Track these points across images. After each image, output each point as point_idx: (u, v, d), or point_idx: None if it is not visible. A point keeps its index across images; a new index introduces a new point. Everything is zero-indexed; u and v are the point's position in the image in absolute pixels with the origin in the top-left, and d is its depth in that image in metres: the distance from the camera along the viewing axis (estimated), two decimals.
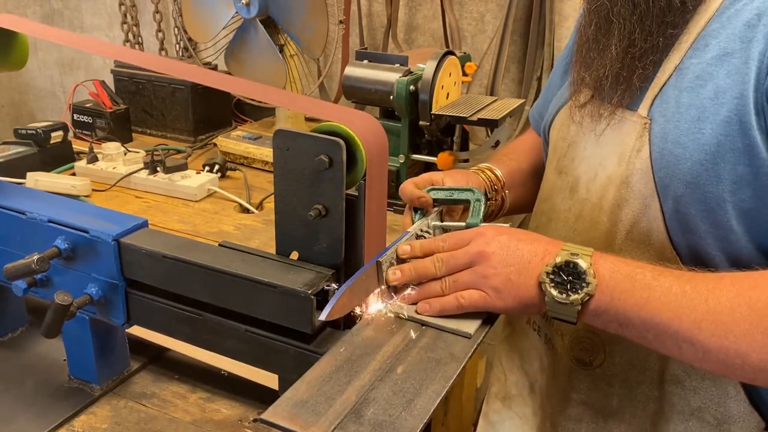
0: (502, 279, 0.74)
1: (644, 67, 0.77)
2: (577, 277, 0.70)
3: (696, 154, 0.72)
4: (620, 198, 0.79)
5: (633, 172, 0.78)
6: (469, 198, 0.89)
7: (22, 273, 0.81)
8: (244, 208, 1.53)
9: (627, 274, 0.70)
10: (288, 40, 1.78)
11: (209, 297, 0.79)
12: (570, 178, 0.89)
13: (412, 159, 1.52)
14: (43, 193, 0.98)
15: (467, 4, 1.95)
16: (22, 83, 2.88)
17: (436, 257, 0.78)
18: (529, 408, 1.03)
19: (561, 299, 0.70)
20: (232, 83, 1.13)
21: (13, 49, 0.98)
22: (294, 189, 0.77)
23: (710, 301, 0.66)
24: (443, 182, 0.93)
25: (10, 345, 1.01)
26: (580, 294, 0.70)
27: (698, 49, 0.75)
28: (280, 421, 0.60)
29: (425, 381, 0.67)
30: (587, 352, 0.87)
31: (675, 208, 0.75)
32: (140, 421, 0.87)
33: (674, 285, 0.68)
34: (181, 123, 1.97)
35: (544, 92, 1.11)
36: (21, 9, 2.69)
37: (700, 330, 0.66)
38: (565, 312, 0.71)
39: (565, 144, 0.90)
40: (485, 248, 0.75)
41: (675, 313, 0.67)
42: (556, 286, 0.71)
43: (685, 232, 0.75)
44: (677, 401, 0.81)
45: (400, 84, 1.44)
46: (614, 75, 0.79)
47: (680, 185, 0.73)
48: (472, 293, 0.76)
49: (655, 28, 0.76)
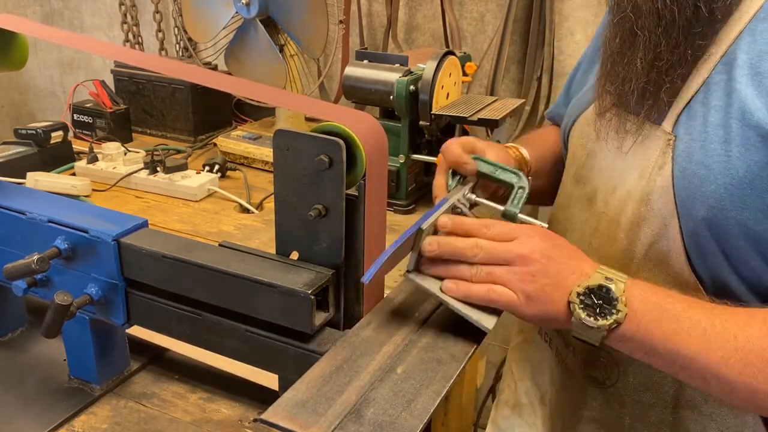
0: (536, 288, 0.71)
1: (672, 81, 0.74)
2: (608, 302, 0.68)
3: (721, 178, 0.69)
4: (639, 215, 0.77)
5: (653, 190, 0.75)
6: (513, 182, 0.84)
7: (22, 273, 0.81)
8: (244, 208, 1.53)
9: (657, 303, 0.68)
10: (288, 40, 1.78)
11: (209, 297, 0.79)
12: (588, 188, 0.86)
13: (412, 159, 1.52)
14: (43, 193, 0.98)
15: (467, 4, 1.95)
16: (22, 83, 2.88)
17: (476, 243, 0.74)
18: (539, 418, 1.01)
19: (588, 323, 0.68)
20: (232, 83, 1.13)
21: (13, 49, 0.98)
22: (294, 189, 0.77)
23: (740, 339, 0.65)
24: (485, 153, 0.89)
25: (10, 345, 1.01)
26: (608, 320, 0.68)
27: (727, 64, 0.71)
28: (280, 421, 0.60)
29: (425, 381, 0.67)
30: (601, 371, 0.85)
31: (695, 230, 0.72)
32: (140, 421, 0.87)
33: (704, 319, 0.67)
34: (181, 123, 1.97)
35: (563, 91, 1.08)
36: (21, 9, 2.69)
37: (728, 367, 0.65)
38: (590, 335, 0.69)
39: (584, 153, 0.87)
40: (530, 253, 0.72)
41: (702, 347, 0.66)
42: (585, 308, 0.69)
43: (704, 256, 0.73)
44: (693, 427, 0.79)
45: (400, 84, 1.44)
46: (640, 89, 0.76)
47: (702, 208, 0.70)
48: (505, 291, 0.72)
49: (682, 40, 0.72)
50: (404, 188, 1.52)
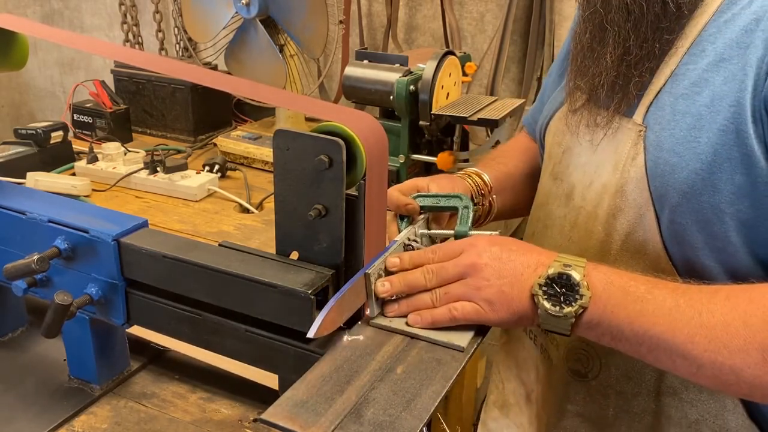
0: (494, 291, 0.72)
1: (641, 74, 0.76)
2: (570, 289, 0.68)
3: (692, 163, 0.70)
4: (615, 207, 0.78)
5: (628, 181, 0.76)
6: (457, 205, 0.87)
7: (22, 273, 0.81)
8: (244, 208, 1.53)
9: (620, 287, 0.69)
10: (288, 40, 1.78)
11: (209, 297, 0.79)
12: (565, 184, 0.87)
13: (412, 159, 1.52)
14: (43, 193, 0.98)
15: (467, 4, 1.95)
16: (22, 83, 2.88)
17: (426, 269, 0.76)
18: (525, 417, 1.02)
19: (554, 312, 0.68)
20: (232, 83, 1.13)
21: (13, 49, 0.98)
22: (294, 189, 0.77)
23: (704, 315, 0.65)
24: (428, 188, 0.91)
25: (10, 345, 1.01)
26: (573, 306, 0.68)
27: (694, 55, 0.73)
28: (280, 421, 0.60)
29: (425, 381, 0.67)
30: (582, 364, 0.86)
31: (671, 218, 0.73)
32: (140, 421, 0.87)
33: (668, 298, 0.67)
34: (181, 123, 1.97)
35: (539, 97, 1.10)
36: (21, 9, 2.69)
37: (693, 344, 0.64)
38: (559, 325, 0.69)
39: (560, 150, 0.89)
40: (477, 260, 0.73)
41: (668, 326, 0.65)
42: (549, 299, 0.69)
43: (680, 243, 0.73)
44: (674, 414, 0.80)
45: (400, 84, 1.44)
46: (610, 83, 0.78)
47: (676, 195, 0.72)
48: (465, 305, 0.73)
49: (651, 35, 0.75)
50: None
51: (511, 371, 1.04)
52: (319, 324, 0.67)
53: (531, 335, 0.97)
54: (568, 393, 0.88)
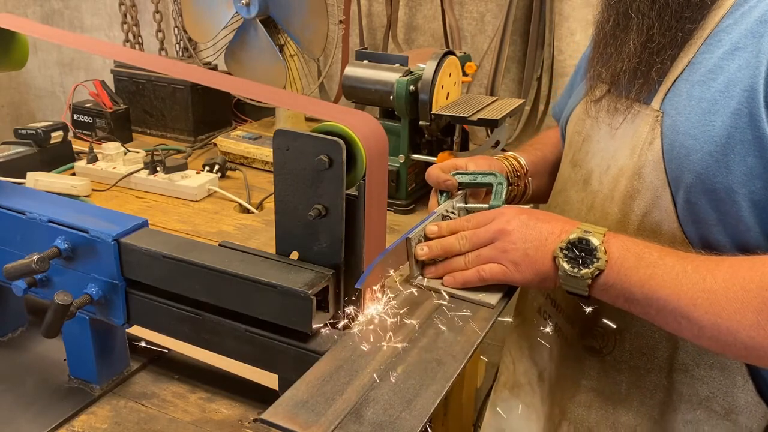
0: (520, 253, 0.79)
1: (662, 61, 0.79)
2: (588, 253, 0.75)
3: (706, 146, 0.73)
4: (632, 189, 0.81)
5: (645, 164, 0.80)
6: (492, 181, 0.94)
7: (22, 273, 0.81)
8: (244, 208, 1.53)
9: (635, 253, 0.74)
10: (288, 40, 1.78)
11: (209, 297, 0.79)
12: (583, 171, 0.91)
13: (412, 159, 1.52)
14: (43, 193, 0.98)
15: (467, 4, 1.95)
16: (22, 83, 2.88)
17: (460, 235, 0.85)
18: (537, 396, 1.04)
19: (572, 273, 0.75)
20: (232, 83, 1.13)
21: (13, 49, 0.98)
22: (294, 189, 0.77)
23: (708, 280, 0.69)
24: (467, 167, 0.98)
25: (10, 345, 1.01)
26: (590, 269, 0.74)
27: (711, 45, 0.76)
28: (280, 421, 0.60)
29: (425, 381, 0.67)
30: (597, 340, 0.89)
31: (686, 198, 0.76)
32: (140, 421, 0.87)
33: (677, 264, 0.72)
34: (181, 123, 1.97)
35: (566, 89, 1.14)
36: (21, 9, 2.69)
37: (695, 307, 0.69)
38: (577, 285, 0.76)
39: (580, 138, 0.92)
40: (506, 226, 0.81)
41: (674, 290, 0.70)
42: (569, 261, 0.75)
43: (695, 222, 0.77)
44: (685, 390, 0.82)
45: (400, 84, 1.44)
46: (632, 70, 0.81)
47: (690, 176, 0.75)
48: (493, 266, 0.81)
49: (674, 23, 0.78)
50: (404, 188, 1.52)
51: (523, 352, 1.07)
52: (366, 276, 0.74)
53: (545, 315, 1.00)
54: (583, 368, 0.91)
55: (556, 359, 0.98)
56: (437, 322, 0.78)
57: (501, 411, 1.11)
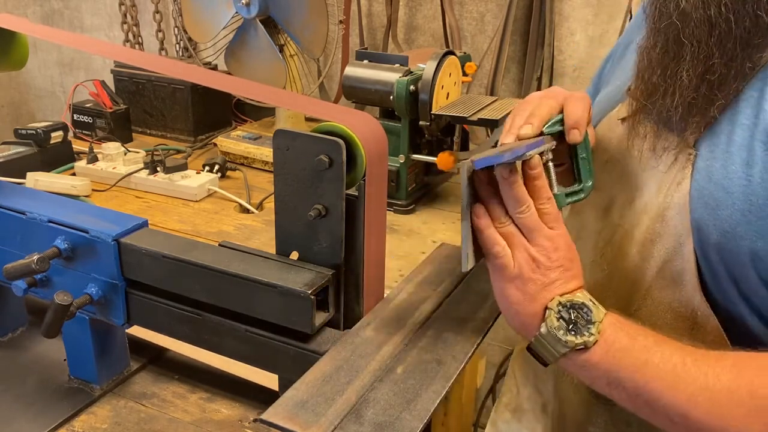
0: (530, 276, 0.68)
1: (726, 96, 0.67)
2: (584, 322, 0.66)
3: (738, 203, 0.64)
4: (654, 232, 0.73)
5: (670, 206, 0.71)
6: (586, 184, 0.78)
7: (22, 273, 0.81)
8: (244, 208, 1.53)
9: (628, 333, 0.66)
10: (288, 40, 1.78)
11: (209, 297, 0.79)
12: (604, 196, 0.82)
13: (412, 159, 1.52)
14: (43, 193, 0.98)
15: (467, 4, 1.95)
16: (22, 83, 2.88)
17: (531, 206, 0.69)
18: (540, 425, 1.00)
19: (558, 335, 0.66)
20: (232, 83, 1.13)
21: (13, 49, 0.98)
22: (294, 189, 0.77)
23: (710, 378, 0.62)
24: None
25: (10, 345, 1.01)
26: (578, 340, 0.65)
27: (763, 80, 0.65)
28: (280, 421, 0.60)
29: (425, 381, 0.67)
30: None
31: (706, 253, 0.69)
32: (140, 421, 0.87)
33: (675, 354, 0.64)
34: (181, 123, 1.97)
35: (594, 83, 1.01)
36: (21, 9, 2.69)
37: (695, 406, 0.62)
38: (550, 348, 0.67)
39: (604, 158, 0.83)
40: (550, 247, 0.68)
41: (671, 383, 0.63)
42: (560, 320, 0.67)
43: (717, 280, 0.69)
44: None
45: (400, 84, 1.44)
46: (686, 105, 0.69)
47: (715, 232, 0.66)
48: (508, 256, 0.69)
49: (740, 52, 0.65)
50: (404, 188, 1.52)
51: (528, 378, 1.02)
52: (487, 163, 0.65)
53: None
54: (590, 415, 0.86)
55: (561, 398, 0.92)
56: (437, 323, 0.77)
57: None
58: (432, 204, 1.59)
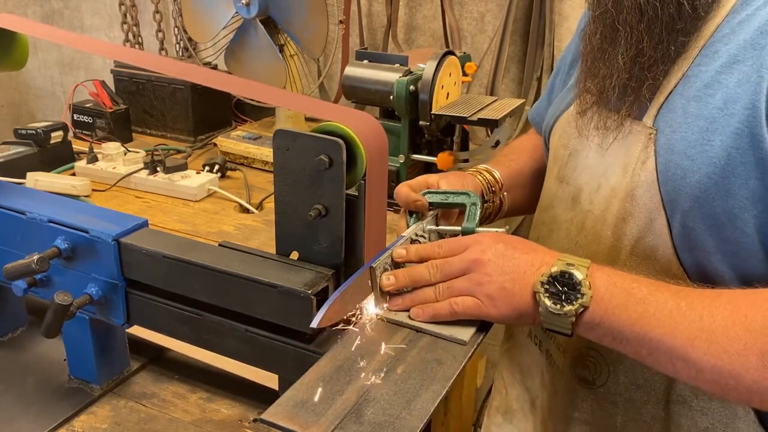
0: (496, 287, 0.72)
1: (654, 77, 0.74)
2: (572, 288, 0.68)
3: (704, 167, 0.69)
4: (624, 211, 0.77)
5: (638, 185, 0.75)
6: (465, 202, 0.87)
7: (22, 273, 0.81)
8: (244, 208, 1.53)
9: (623, 288, 0.68)
10: (288, 40, 1.78)
11: (209, 297, 0.79)
12: (571, 187, 0.86)
13: (412, 159, 1.52)
14: (43, 193, 0.98)
15: (467, 4, 1.95)
16: (22, 83, 2.88)
17: (431, 263, 0.76)
18: (530, 423, 1.00)
19: (555, 310, 0.68)
20: (232, 83, 1.13)
21: (13, 49, 0.98)
22: (294, 189, 0.77)
23: (705, 319, 0.64)
24: (438, 185, 0.91)
25: (10, 345, 1.01)
26: (574, 305, 0.68)
27: (707, 56, 0.72)
28: (280, 421, 0.60)
29: (425, 381, 0.67)
30: (590, 371, 0.85)
31: (682, 223, 0.72)
32: (140, 421, 0.87)
33: (669, 300, 0.66)
34: (181, 123, 1.97)
35: (545, 94, 1.09)
36: (21, 9, 2.69)
37: (693, 348, 0.64)
38: (560, 323, 0.69)
39: (566, 152, 0.87)
40: (481, 256, 0.73)
41: (669, 329, 0.65)
42: (551, 297, 0.69)
43: (692, 247, 0.72)
44: (684, 422, 0.78)
45: (400, 84, 1.44)
46: (621, 85, 0.76)
47: (687, 199, 0.70)
48: (466, 300, 0.73)
49: (665, 36, 0.72)
50: None
51: (515, 377, 1.03)
52: (322, 315, 0.68)
53: (536, 341, 0.96)
54: (575, 400, 0.87)
55: (548, 388, 0.93)
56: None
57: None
58: None
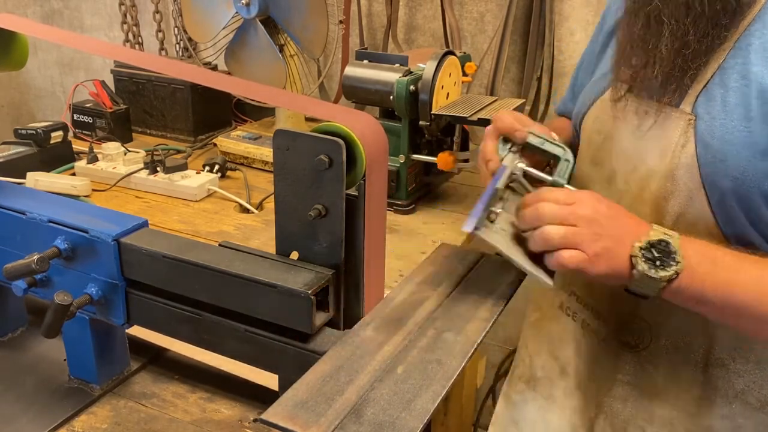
0: (602, 246, 0.75)
1: (697, 67, 0.79)
2: (667, 255, 0.74)
3: (743, 152, 0.74)
4: (665, 190, 0.82)
5: (678, 166, 0.80)
6: (559, 155, 0.87)
7: (22, 273, 0.81)
8: (244, 208, 1.53)
9: (710, 257, 0.74)
10: (288, 40, 1.78)
11: (209, 297, 0.79)
12: (606, 170, 0.90)
13: (412, 159, 1.52)
14: (43, 193, 0.98)
15: (467, 4, 1.95)
16: (22, 83, 2.88)
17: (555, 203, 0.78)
18: (559, 389, 1.04)
19: (651, 274, 0.73)
20: (232, 83, 1.13)
21: (13, 49, 0.98)
22: (294, 189, 0.77)
23: None
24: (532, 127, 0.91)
25: (10, 345, 1.01)
26: (668, 271, 0.73)
27: (741, 49, 0.77)
28: (280, 421, 0.60)
29: (425, 381, 0.67)
30: (634, 336, 0.90)
31: (721, 200, 0.77)
32: (140, 421, 0.87)
33: (753, 268, 0.74)
34: (181, 123, 1.97)
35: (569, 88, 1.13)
36: (21, 9, 2.69)
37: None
38: (651, 286, 0.74)
39: (600, 137, 0.91)
40: (593, 214, 0.76)
41: (755, 295, 0.73)
42: (647, 261, 0.74)
43: (731, 221, 0.78)
44: (721, 384, 0.84)
45: (400, 84, 1.44)
46: (665, 74, 0.80)
47: (726, 180, 0.76)
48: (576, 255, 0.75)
49: (710, 30, 0.77)
50: (404, 188, 1.52)
51: (542, 347, 1.07)
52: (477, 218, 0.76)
53: (568, 312, 1.00)
54: (618, 364, 0.92)
55: (585, 355, 0.98)
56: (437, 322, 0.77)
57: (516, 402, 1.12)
58: (432, 204, 1.59)
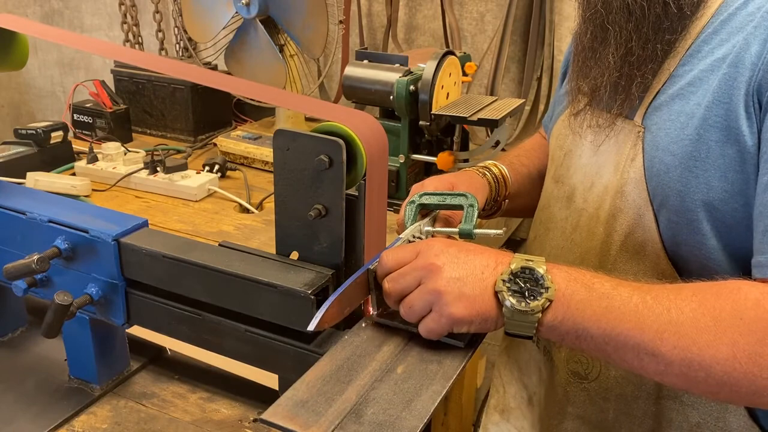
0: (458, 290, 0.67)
1: (643, 75, 0.77)
2: (534, 283, 0.66)
3: (685, 161, 0.71)
4: (615, 208, 0.78)
5: (627, 182, 0.77)
6: (462, 203, 0.85)
7: (22, 273, 0.81)
8: (244, 208, 1.53)
9: (584, 283, 0.66)
10: (288, 40, 1.78)
11: (209, 297, 0.79)
12: (566, 187, 0.88)
13: (412, 159, 1.52)
14: (43, 193, 0.98)
15: (467, 4, 1.95)
16: (22, 83, 2.88)
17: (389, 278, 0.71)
18: (527, 421, 1.02)
19: (520, 307, 0.65)
20: (232, 83, 1.13)
21: (13, 49, 0.98)
22: (294, 189, 0.77)
23: (672, 312, 0.63)
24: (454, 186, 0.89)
25: (10, 345, 1.01)
26: (540, 300, 0.65)
27: (692, 56, 0.75)
28: (280, 421, 0.60)
29: (425, 381, 0.67)
30: (582, 365, 0.85)
31: (668, 217, 0.74)
32: (140, 421, 0.87)
33: (634, 295, 0.65)
34: (181, 123, 1.97)
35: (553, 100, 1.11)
36: (21, 9, 2.69)
37: (662, 341, 0.62)
38: (524, 322, 0.66)
39: (562, 153, 0.89)
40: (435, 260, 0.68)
41: (636, 323, 0.63)
42: (514, 294, 0.66)
43: (678, 243, 0.74)
44: (675, 417, 0.79)
45: (400, 84, 1.44)
46: (612, 84, 0.78)
47: (671, 194, 0.72)
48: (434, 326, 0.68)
49: (652, 36, 0.75)
50: (404, 188, 1.52)
51: (512, 374, 1.04)
52: (319, 318, 0.66)
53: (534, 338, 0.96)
54: (569, 395, 0.88)
55: (545, 384, 0.95)
56: None
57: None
58: None
